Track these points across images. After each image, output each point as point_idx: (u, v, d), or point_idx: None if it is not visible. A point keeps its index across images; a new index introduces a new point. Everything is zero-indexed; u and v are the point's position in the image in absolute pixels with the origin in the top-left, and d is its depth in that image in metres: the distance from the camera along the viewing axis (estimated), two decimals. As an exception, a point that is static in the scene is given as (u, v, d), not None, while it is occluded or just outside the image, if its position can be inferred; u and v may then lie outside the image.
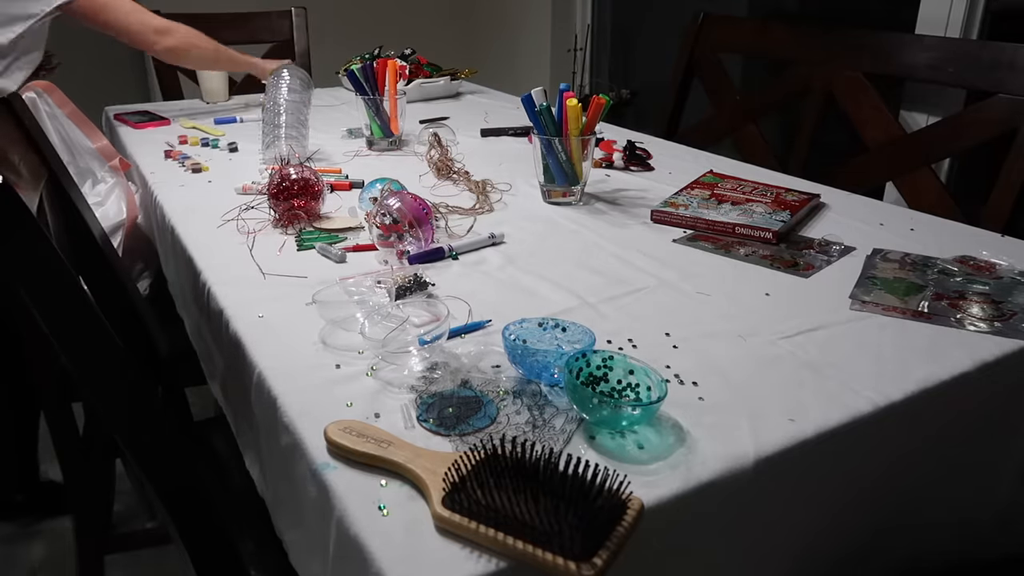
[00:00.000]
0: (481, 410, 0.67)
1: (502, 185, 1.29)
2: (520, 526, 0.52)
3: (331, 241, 1.05)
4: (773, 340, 0.79)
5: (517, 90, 1.56)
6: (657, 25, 2.80)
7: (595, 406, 0.64)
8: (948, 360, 0.75)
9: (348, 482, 0.59)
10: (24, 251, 0.64)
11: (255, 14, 2.34)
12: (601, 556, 0.50)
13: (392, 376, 0.73)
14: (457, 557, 0.53)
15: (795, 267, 0.97)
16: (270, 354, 0.77)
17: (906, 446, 0.73)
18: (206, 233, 1.09)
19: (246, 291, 0.90)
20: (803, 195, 1.17)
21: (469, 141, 1.59)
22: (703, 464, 0.61)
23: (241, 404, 0.83)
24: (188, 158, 1.44)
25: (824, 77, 1.60)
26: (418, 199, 1.02)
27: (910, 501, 0.77)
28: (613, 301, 0.88)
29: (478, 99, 2.07)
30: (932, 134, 1.46)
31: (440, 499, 0.55)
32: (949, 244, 1.02)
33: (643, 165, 1.40)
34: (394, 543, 0.54)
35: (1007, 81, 1.32)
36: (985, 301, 0.86)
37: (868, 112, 1.53)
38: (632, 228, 1.11)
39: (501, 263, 0.99)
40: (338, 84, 2.17)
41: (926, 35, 1.57)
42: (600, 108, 1.15)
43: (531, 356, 0.71)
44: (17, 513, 1.71)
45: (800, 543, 0.70)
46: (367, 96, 1.49)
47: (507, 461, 0.55)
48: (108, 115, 1.88)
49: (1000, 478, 0.83)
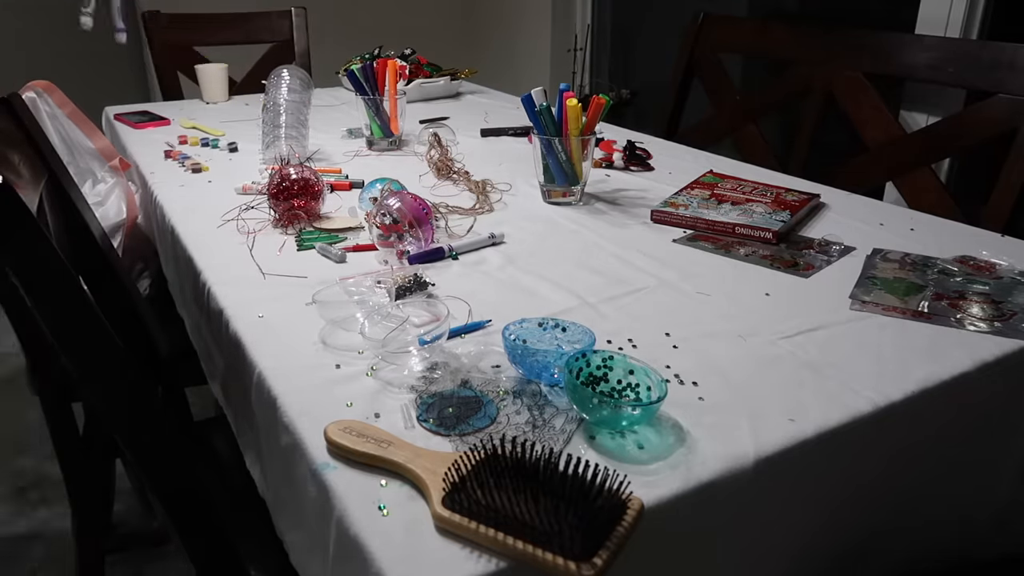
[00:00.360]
0: (481, 410, 0.67)
1: (502, 185, 1.29)
2: (520, 526, 0.52)
3: (331, 241, 1.05)
4: (773, 340, 0.79)
5: (517, 90, 1.56)
6: (657, 25, 2.80)
7: (595, 406, 0.64)
8: (948, 360, 0.75)
9: (348, 482, 0.59)
10: (24, 251, 0.64)
11: (255, 14, 2.34)
12: (601, 556, 0.50)
13: (392, 376, 0.73)
14: (457, 557, 0.52)
15: (795, 267, 0.97)
16: (270, 354, 0.77)
17: (906, 446, 0.73)
18: (206, 233, 1.09)
19: (246, 291, 0.90)
20: (803, 195, 1.17)
21: (469, 141, 1.59)
22: (703, 464, 0.61)
23: (241, 404, 0.83)
24: (188, 158, 1.43)
25: (824, 77, 1.60)
26: (418, 199, 1.02)
27: (909, 500, 0.77)
28: (613, 301, 0.88)
29: (478, 99, 2.06)
30: (932, 134, 1.46)
31: (440, 499, 0.55)
32: (949, 244, 1.02)
33: (643, 165, 1.40)
34: (394, 543, 0.54)
35: (1007, 81, 1.32)
36: (985, 301, 0.86)
37: (868, 112, 1.53)
38: (632, 228, 1.11)
39: (501, 263, 0.99)
40: (338, 84, 2.17)
41: (926, 35, 1.57)
42: (600, 108, 1.15)
43: (531, 356, 0.71)
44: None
45: (799, 542, 0.70)
46: (367, 96, 1.49)
47: (507, 461, 0.55)
48: (108, 115, 1.88)
49: (999, 478, 0.83)
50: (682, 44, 1.92)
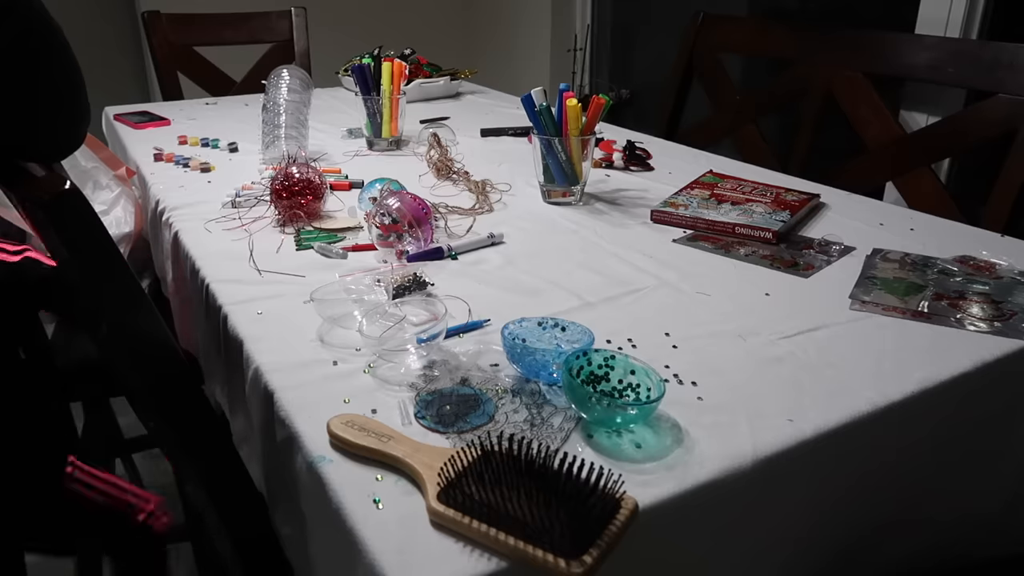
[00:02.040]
0: (479, 408, 0.67)
1: (502, 185, 1.29)
2: (512, 522, 0.52)
3: (330, 241, 1.04)
4: (773, 340, 0.79)
5: (517, 90, 1.56)
6: (657, 25, 2.80)
7: (592, 404, 0.64)
8: (948, 360, 0.75)
9: (343, 476, 0.59)
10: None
11: (255, 14, 2.34)
12: (591, 554, 0.50)
13: (389, 374, 0.73)
14: (450, 551, 0.53)
15: (795, 267, 0.96)
16: (268, 350, 0.77)
17: (905, 446, 0.73)
18: (206, 232, 1.09)
19: (245, 289, 0.90)
20: (803, 195, 1.17)
21: (469, 141, 1.58)
22: (701, 464, 0.61)
23: (238, 399, 0.83)
24: (189, 159, 1.43)
25: (824, 77, 1.60)
26: (417, 199, 1.02)
27: (909, 500, 0.77)
28: (613, 301, 0.88)
29: (478, 99, 2.06)
30: (932, 134, 1.45)
31: (435, 494, 0.55)
32: (949, 244, 1.02)
33: (643, 165, 1.39)
34: (387, 536, 0.54)
35: (1007, 81, 1.32)
36: (985, 301, 0.85)
37: (868, 112, 1.53)
38: (632, 228, 1.11)
39: (500, 263, 0.99)
40: (338, 84, 2.17)
41: (926, 35, 1.57)
42: (600, 108, 1.15)
43: (530, 355, 0.71)
44: None
45: (798, 543, 0.70)
46: (366, 96, 1.49)
47: (502, 458, 0.55)
48: (108, 115, 1.88)
49: (999, 477, 0.83)
50: (682, 44, 1.92)
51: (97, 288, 0.69)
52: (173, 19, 2.26)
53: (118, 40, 2.95)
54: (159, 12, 2.25)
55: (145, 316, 0.72)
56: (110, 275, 0.69)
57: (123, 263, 0.69)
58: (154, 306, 0.72)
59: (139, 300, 0.70)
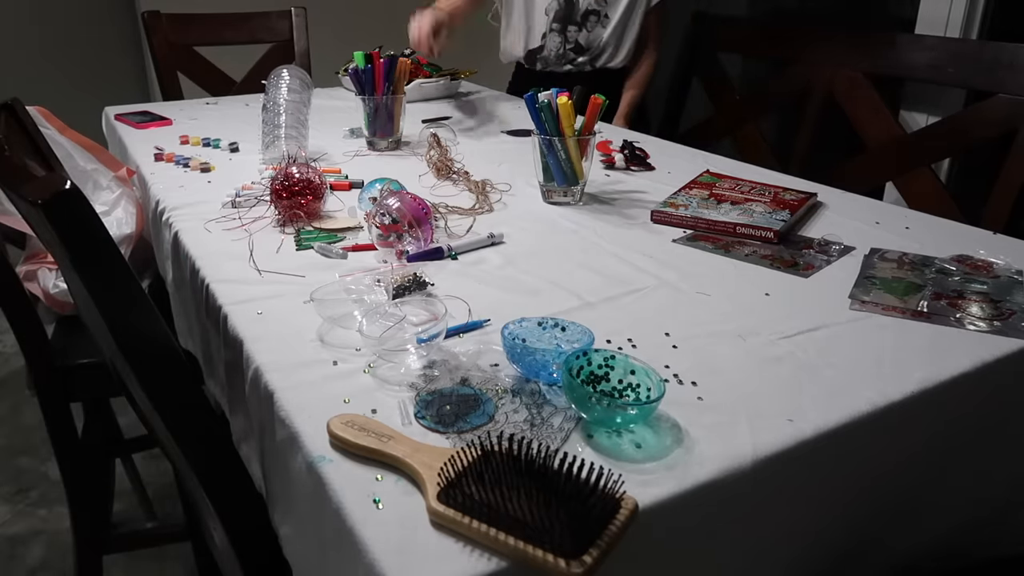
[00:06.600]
0: (480, 408, 0.67)
1: (502, 185, 1.29)
2: (512, 522, 0.52)
3: (330, 241, 1.04)
4: (773, 340, 0.79)
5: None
6: (657, 25, 2.80)
7: (592, 405, 0.64)
8: (948, 360, 0.75)
9: (343, 476, 0.59)
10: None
11: (255, 14, 2.34)
12: (591, 554, 0.50)
13: (389, 374, 0.73)
14: (450, 551, 0.53)
15: (795, 267, 0.96)
16: (267, 350, 0.77)
17: (905, 446, 0.73)
18: (206, 232, 1.09)
19: (245, 289, 0.90)
20: (800, 194, 1.17)
21: (469, 141, 1.58)
22: (701, 464, 0.61)
23: (238, 399, 0.83)
24: (189, 159, 1.43)
25: (824, 77, 1.60)
26: (417, 199, 1.02)
27: (909, 500, 0.77)
28: (613, 301, 0.88)
29: (478, 99, 2.06)
30: (932, 134, 1.46)
31: (435, 494, 0.55)
32: (945, 243, 1.02)
33: (643, 165, 1.39)
34: (387, 535, 0.54)
35: (1007, 81, 1.32)
36: (984, 300, 0.85)
37: (868, 112, 1.53)
38: (632, 228, 1.11)
39: (500, 263, 0.99)
40: (338, 84, 2.16)
41: (926, 35, 1.57)
42: (598, 108, 1.15)
43: (530, 355, 0.71)
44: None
45: (798, 543, 0.70)
46: (364, 96, 1.49)
47: (502, 458, 0.55)
48: (108, 115, 1.88)
49: (999, 477, 0.83)
50: (682, 44, 1.92)
51: (96, 288, 0.69)
52: (173, 19, 2.26)
53: (118, 40, 2.94)
54: (159, 12, 2.25)
55: (145, 316, 0.72)
56: (110, 275, 0.69)
57: (123, 263, 0.69)
58: (154, 306, 0.72)
59: (139, 300, 0.70)
